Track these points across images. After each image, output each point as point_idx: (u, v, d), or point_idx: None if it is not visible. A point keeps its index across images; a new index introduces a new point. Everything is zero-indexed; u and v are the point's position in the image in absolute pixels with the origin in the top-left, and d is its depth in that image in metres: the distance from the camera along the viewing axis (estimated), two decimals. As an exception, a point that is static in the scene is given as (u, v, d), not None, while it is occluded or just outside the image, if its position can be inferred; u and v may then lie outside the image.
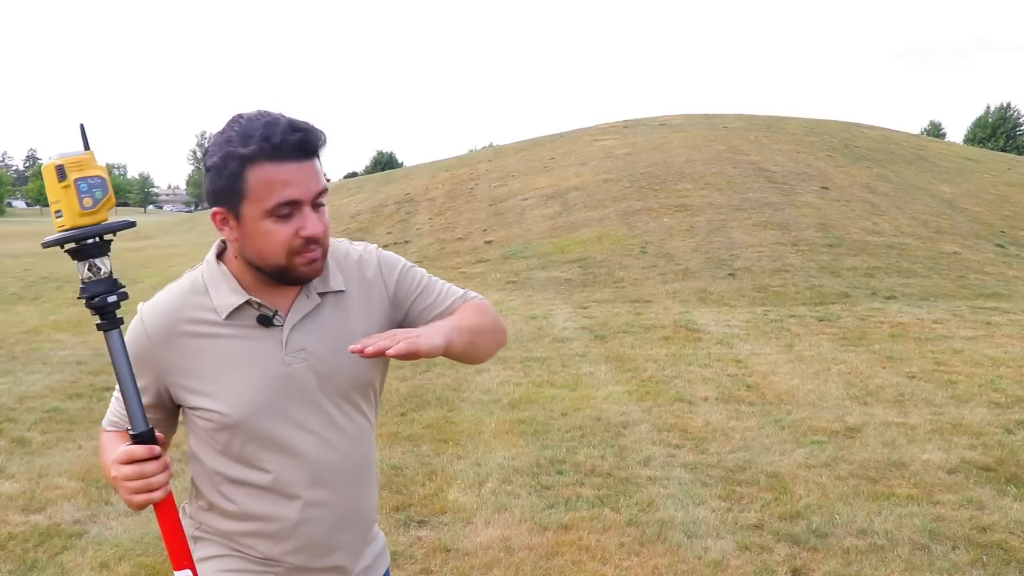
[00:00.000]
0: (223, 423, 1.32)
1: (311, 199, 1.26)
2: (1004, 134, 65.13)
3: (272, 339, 1.33)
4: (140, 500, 1.23)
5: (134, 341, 1.34)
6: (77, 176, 1.17)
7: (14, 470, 4.64)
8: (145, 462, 1.22)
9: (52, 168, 1.17)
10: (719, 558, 3.57)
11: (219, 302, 1.33)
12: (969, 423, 5.55)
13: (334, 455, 1.37)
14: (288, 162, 1.23)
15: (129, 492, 1.22)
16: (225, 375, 1.31)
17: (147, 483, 1.22)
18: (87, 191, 1.18)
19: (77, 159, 1.18)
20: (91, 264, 1.22)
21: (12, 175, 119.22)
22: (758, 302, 10.99)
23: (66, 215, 1.18)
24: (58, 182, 1.17)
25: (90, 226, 1.20)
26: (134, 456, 1.22)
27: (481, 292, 8.51)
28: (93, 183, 1.18)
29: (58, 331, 9.20)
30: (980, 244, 14.81)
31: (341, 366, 1.36)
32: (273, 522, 1.36)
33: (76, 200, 1.17)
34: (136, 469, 1.22)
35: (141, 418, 1.25)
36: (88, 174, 1.18)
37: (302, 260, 1.28)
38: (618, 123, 27.39)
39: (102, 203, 1.20)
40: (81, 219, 1.18)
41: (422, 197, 22.11)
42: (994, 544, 3.70)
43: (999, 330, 9.00)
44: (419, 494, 4.30)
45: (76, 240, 1.20)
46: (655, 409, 5.93)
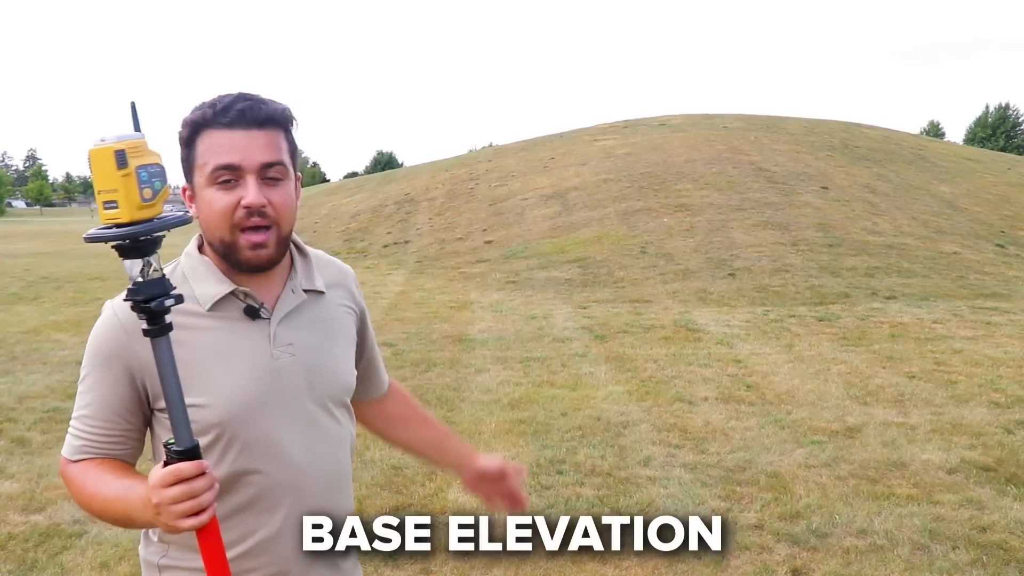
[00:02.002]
0: (208, 422, 1.21)
1: (255, 168, 1.20)
2: (1004, 134, 65.13)
3: (259, 332, 1.27)
4: (189, 524, 1.09)
5: (108, 336, 1.23)
6: (139, 164, 1.04)
7: (14, 470, 4.64)
8: (194, 480, 1.09)
9: (110, 153, 1.03)
10: (719, 558, 3.56)
11: (202, 292, 1.25)
12: (969, 423, 5.55)
13: (318, 460, 1.31)
14: (233, 129, 1.20)
15: (176, 517, 1.08)
16: (210, 369, 1.22)
17: (198, 503, 1.08)
18: (147, 181, 1.05)
19: (136, 144, 1.05)
20: (146, 263, 1.09)
21: (12, 175, 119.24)
22: (758, 302, 10.99)
23: (123, 207, 1.04)
24: (117, 169, 1.03)
25: (149, 220, 1.07)
26: (183, 475, 1.08)
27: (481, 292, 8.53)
28: (153, 172, 1.06)
29: (58, 331, 9.20)
30: (980, 244, 14.81)
31: (326, 365, 1.34)
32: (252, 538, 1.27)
33: (136, 191, 1.04)
34: (186, 489, 1.08)
35: (187, 432, 1.12)
36: (147, 161, 1.06)
37: (245, 241, 1.22)
38: (618, 123, 27.39)
39: (160, 194, 1.07)
40: (140, 212, 1.05)
41: (422, 197, 22.12)
42: (994, 544, 3.70)
43: (999, 330, 9.00)
44: (419, 494, 4.30)
45: (134, 237, 1.07)
46: (655, 409, 5.93)
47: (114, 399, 1.24)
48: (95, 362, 1.25)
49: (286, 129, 1.25)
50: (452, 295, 12.09)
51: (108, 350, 1.23)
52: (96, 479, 1.23)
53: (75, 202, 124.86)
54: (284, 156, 1.24)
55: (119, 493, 1.20)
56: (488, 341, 8.53)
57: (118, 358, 1.23)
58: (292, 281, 1.33)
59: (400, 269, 15.31)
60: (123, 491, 1.19)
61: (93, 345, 1.25)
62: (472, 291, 12.45)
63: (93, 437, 1.26)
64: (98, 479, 1.23)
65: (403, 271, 15.04)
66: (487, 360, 7.60)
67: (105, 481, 1.22)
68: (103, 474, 1.23)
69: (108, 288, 13.16)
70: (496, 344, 8.36)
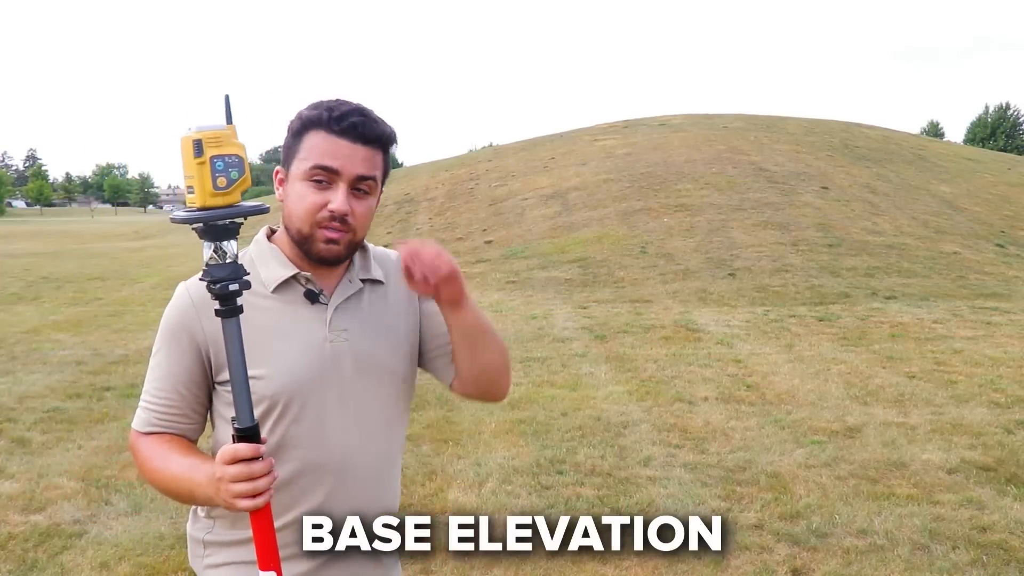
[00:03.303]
0: (262, 393, 1.28)
1: (350, 179, 1.29)
2: (1004, 134, 65.07)
3: (317, 316, 1.34)
4: (246, 505, 1.15)
5: (177, 310, 1.32)
6: (215, 153, 1.12)
7: (14, 470, 4.64)
8: (252, 461, 1.15)
9: (190, 141, 1.11)
10: (719, 558, 3.56)
11: (267, 275, 1.34)
12: (969, 423, 5.55)
13: (363, 445, 1.38)
14: (342, 138, 1.28)
15: (233, 495, 1.15)
16: (269, 345, 1.30)
17: (254, 486, 1.15)
18: (223, 170, 1.12)
19: (216, 134, 1.12)
20: (217, 247, 1.16)
21: (12, 175, 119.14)
22: (758, 302, 10.99)
23: (198, 193, 1.12)
24: (194, 157, 1.11)
25: (222, 207, 1.14)
26: (240, 455, 1.15)
27: (481, 292, 8.53)
28: (230, 162, 1.13)
29: (58, 331, 9.20)
30: (980, 244, 14.81)
31: (378, 353, 1.39)
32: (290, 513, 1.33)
33: (210, 178, 1.12)
34: (244, 469, 1.15)
35: (249, 412, 1.19)
36: (226, 152, 1.13)
37: (322, 235, 1.29)
38: (618, 123, 27.39)
39: (237, 184, 1.14)
40: (213, 199, 1.13)
41: (422, 197, 22.11)
42: (994, 544, 3.70)
43: (999, 330, 9.00)
44: (419, 494, 4.30)
45: (205, 221, 1.14)
46: (655, 409, 5.93)
47: (181, 371, 1.32)
48: (166, 336, 1.33)
49: (386, 150, 1.35)
50: (452, 295, 12.06)
51: (177, 324, 1.31)
52: (164, 455, 1.31)
53: (75, 202, 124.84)
54: (378, 173, 1.33)
55: (185, 469, 1.27)
56: (488, 341, 8.51)
57: (186, 332, 1.31)
58: (350, 272, 1.40)
59: (400, 269, 15.27)
60: (189, 468, 1.26)
61: (165, 321, 1.33)
62: (472, 291, 12.39)
63: (161, 409, 1.33)
64: (166, 455, 1.30)
65: (403, 271, 15.01)
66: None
67: (172, 458, 1.30)
68: (171, 451, 1.31)
69: (108, 288, 13.17)
70: (496, 344, 8.34)
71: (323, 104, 1.30)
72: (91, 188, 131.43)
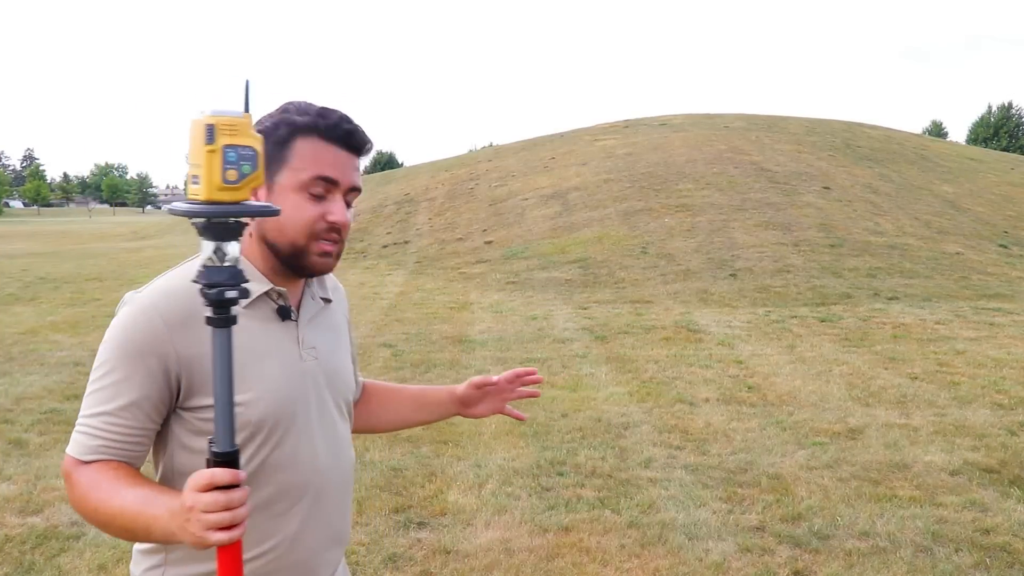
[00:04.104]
0: (248, 418, 1.20)
1: (346, 189, 1.26)
2: (1007, 134, 65.02)
3: (288, 333, 1.30)
4: (219, 538, 1.01)
5: (144, 330, 1.16)
6: (228, 142, 1.00)
7: (11, 472, 4.61)
8: (230, 489, 1.02)
9: (202, 126, 0.99)
10: (720, 560, 3.54)
11: None
12: (972, 424, 5.52)
13: (335, 461, 1.34)
14: (336, 146, 1.25)
15: (206, 527, 1.01)
16: (248, 365, 1.21)
17: (233, 516, 1.01)
18: (235, 162, 1.00)
19: (232, 121, 1.01)
20: (217, 247, 1.04)
21: (9, 175, 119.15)
22: (759, 303, 10.96)
23: (203, 184, 1.00)
24: (204, 144, 0.99)
25: (228, 204, 1.01)
26: (218, 482, 1.01)
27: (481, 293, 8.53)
28: (243, 154, 1.01)
29: (56, 332, 9.18)
30: (983, 245, 14.78)
31: (340, 371, 1.39)
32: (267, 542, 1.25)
33: (219, 170, 1.00)
34: (221, 497, 1.01)
35: (231, 436, 1.05)
36: (240, 142, 1.01)
37: (318, 248, 1.25)
38: (619, 123, 27.37)
39: (248, 179, 1.02)
40: (219, 193, 1.00)
41: (422, 197, 22.09)
42: (997, 547, 3.67)
43: (1002, 331, 8.97)
44: (419, 495, 4.27)
45: (208, 216, 1.02)
46: (656, 410, 5.90)
47: (143, 398, 1.18)
48: (126, 357, 1.17)
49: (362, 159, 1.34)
50: (452, 296, 12.06)
51: (143, 344, 1.16)
52: (111, 486, 1.15)
53: (72, 202, 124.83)
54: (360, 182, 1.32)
55: (139, 501, 1.12)
56: (488, 342, 8.50)
57: (154, 354, 1.17)
58: (310, 288, 1.37)
59: (400, 269, 15.28)
60: (144, 500, 1.12)
61: (125, 339, 1.17)
62: (472, 292, 12.42)
63: (115, 436, 1.18)
64: (113, 486, 1.15)
65: (403, 271, 15.01)
66: (487, 361, 7.57)
67: (120, 489, 1.15)
68: (117, 481, 1.16)
69: (106, 288, 13.14)
70: (496, 345, 8.34)
71: (309, 109, 1.25)
72: (89, 188, 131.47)
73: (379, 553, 3.61)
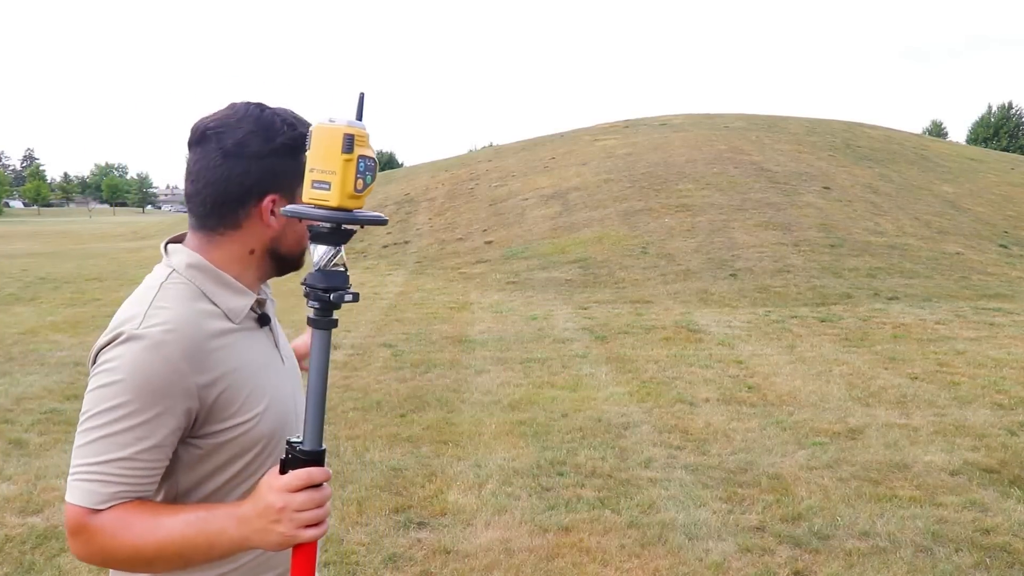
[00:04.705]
0: (260, 434, 1.20)
1: None
2: (1007, 134, 65.00)
3: (269, 340, 1.30)
4: (311, 534, 1.05)
5: (163, 367, 1.10)
6: (362, 153, 1.04)
7: (11, 472, 4.61)
8: (324, 487, 1.06)
9: (340, 135, 1.03)
10: (720, 560, 3.54)
11: (231, 305, 1.22)
12: (972, 425, 5.52)
13: None
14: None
15: (299, 525, 1.04)
16: (254, 381, 1.21)
17: (325, 512, 1.06)
18: (363, 172, 1.05)
19: (363, 134, 1.05)
20: (336, 251, 1.08)
21: (9, 175, 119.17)
22: (759, 303, 10.96)
23: (335, 191, 1.03)
24: (341, 152, 1.03)
25: (355, 211, 1.06)
26: (314, 480, 1.05)
27: (481, 293, 8.50)
28: (369, 165, 1.06)
29: (56, 332, 9.17)
30: (983, 245, 14.78)
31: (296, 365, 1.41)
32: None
33: (352, 178, 1.04)
34: (316, 495, 1.05)
35: (320, 435, 1.08)
36: (368, 154, 1.06)
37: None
38: (619, 123, 27.37)
39: (368, 189, 1.07)
40: (349, 200, 1.04)
41: (422, 197, 22.09)
42: (997, 547, 3.67)
43: (1002, 331, 8.96)
44: (419, 496, 4.27)
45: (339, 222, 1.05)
46: (656, 410, 5.90)
47: (167, 436, 1.12)
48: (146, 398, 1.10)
49: None
50: (452, 296, 12.06)
51: (165, 384, 1.11)
52: (146, 521, 1.09)
53: (72, 202, 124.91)
54: None
55: (191, 522, 1.08)
56: (488, 342, 8.50)
57: (177, 392, 1.12)
58: (267, 287, 1.36)
59: (400, 270, 15.28)
60: (196, 520, 1.09)
61: (142, 379, 1.09)
62: (472, 292, 12.42)
63: (135, 480, 1.11)
64: (148, 521, 1.09)
65: (403, 272, 15.01)
66: (487, 361, 7.57)
67: (159, 520, 1.09)
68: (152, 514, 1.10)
69: (106, 289, 13.14)
70: (496, 345, 8.33)
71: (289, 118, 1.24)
72: (89, 188, 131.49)
73: (379, 553, 3.60)
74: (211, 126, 1.21)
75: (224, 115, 1.22)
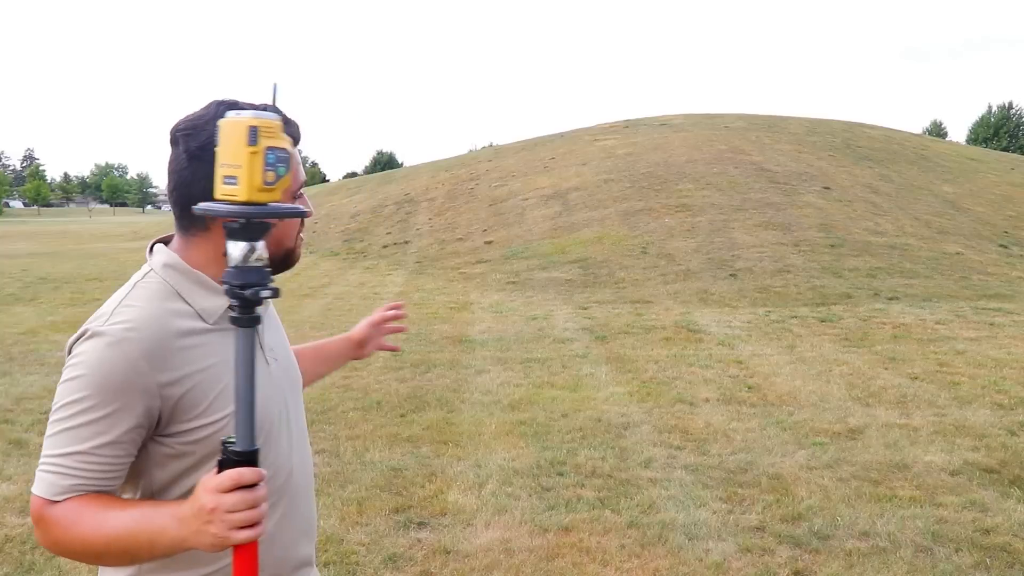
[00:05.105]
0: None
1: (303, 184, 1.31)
2: (1007, 134, 65.03)
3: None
4: (243, 536, 1.02)
5: (122, 364, 1.12)
6: (269, 144, 1.01)
7: (11, 472, 4.62)
8: (254, 488, 1.03)
9: (244, 127, 1.00)
10: (720, 560, 3.54)
11: (205, 305, 1.21)
12: (972, 425, 5.52)
13: (302, 460, 1.35)
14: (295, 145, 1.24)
15: (231, 526, 1.01)
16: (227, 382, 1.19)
17: (258, 513, 1.03)
18: (273, 164, 1.02)
19: (271, 124, 1.02)
20: (251, 247, 1.05)
21: (9, 175, 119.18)
22: (759, 303, 10.96)
23: (242, 185, 1.00)
24: (247, 145, 1.00)
25: (266, 204, 1.03)
26: (244, 481, 1.02)
27: (481, 293, 8.49)
28: (280, 156, 1.02)
29: (56, 332, 9.18)
30: (983, 245, 14.77)
31: (291, 363, 1.39)
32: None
33: (260, 171, 1.01)
34: (247, 496, 1.02)
35: (252, 434, 1.05)
36: (278, 144, 1.03)
37: (298, 244, 1.31)
38: (619, 123, 27.37)
39: (281, 181, 1.03)
40: (258, 194, 1.01)
41: (422, 197, 22.10)
42: (997, 547, 3.67)
43: (1002, 331, 8.96)
44: (419, 495, 4.27)
45: (249, 217, 1.03)
46: (656, 410, 5.90)
47: (124, 434, 1.13)
48: (104, 394, 1.12)
49: None
50: (452, 296, 12.06)
51: (123, 381, 1.12)
52: (96, 514, 1.11)
53: (73, 202, 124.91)
54: None
55: (136, 519, 1.09)
56: (488, 342, 8.50)
57: (138, 390, 1.13)
58: None
59: (400, 270, 15.28)
60: (140, 516, 1.10)
61: (100, 375, 1.11)
62: (472, 292, 12.42)
63: (90, 474, 1.13)
64: (98, 515, 1.11)
65: (403, 272, 15.01)
66: (487, 361, 7.57)
67: (109, 514, 1.11)
68: (104, 508, 1.12)
69: (106, 289, 13.14)
70: (496, 345, 8.33)
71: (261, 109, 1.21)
72: (89, 188, 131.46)
73: (379, 553, 3.60)
74: (180, 128, 1.21)
75: (195, 116, 1.22)
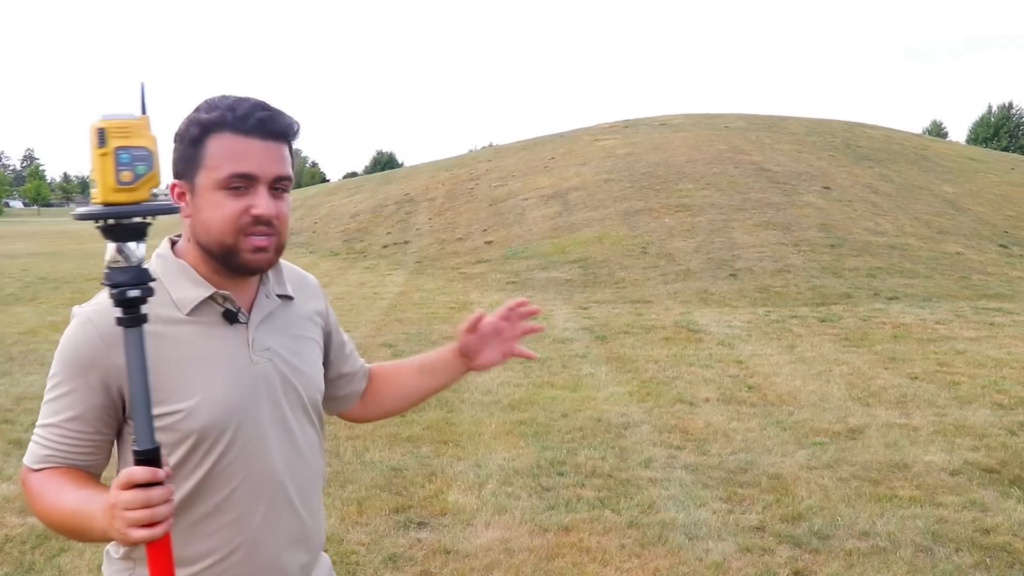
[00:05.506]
0: (189, 428, 1.19)
1: (269, 180, 1.21)
2: (1007, 134, 65.08)
3: (238, 336, 1.27)
4: (140, 535, 1.04)
5: (82, 344, 1.19)
6: (120, 144, 1.01)
7: (11, 472, 4.62)
8: (150, 487, 1.04)
9: (93, 130, 1.01)
10: (720, 560, 3.54)
11: (180, 295, 1.23)
12: (972, 424, 5.52)
13: (293, 465, 1.31)
14: (251, 137, 1.20)
15: (127, 524, 1.03)
16: (192, 374, 1.21)
17: (152, 514, 1.03)
18: (128, 164, 1.02)
19: (124, 124, 1.02)
20: (120, 248, 1.05)
21: (9, 175, 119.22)
22: (759, 303, 10.96)
23: (99, 187, 1.02)
24: (97, 147, 1.01)
25: (124, 204, 1.03)
26: (135, 480, 1.03)
27: (481, 293, 8.52)
28: (137, 155, 1.02)
29: (55, 332, 9.14)
30: (983, 244, 14.78)
31: (300, 371, 1.34)
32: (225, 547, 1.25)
33: (112, 172, 1.01)
34: (140, 495, 1.03)
35: (149, 434, 1.07)
36: (133, 143, 1.02)
37: (248, 244, 1.21)
38: (619, 123, 27.37)
39: (144, 179, 1.03)
40: (115, 195, 1.02)
41: (422, 197, 22.10)
42: (997, 547, 3.67)
43: (1002, 331, 8.96)
44: (419, 495, 4.27)
45: (107, 218, 1.03)
46: (656, 410, 5.90)
47: (87, 410, 1.20)
48: (69, 371, 1.20)
49: (291, 143, 1.27)
50: (452, 296, 12.06)
51: (84, 359, 1.19)
52: (57, 489, 1.19)
53: (73, 202, 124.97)
54: (291, 170, 1.26)
55: (79, 501, 1.15)
56: (488, 342, 8.49)
57: (95, 368, 1.19)
58: (265, 286, 1.33)
59: (400, 269, 15.28)
60: (84, 500, 1.14)
61: (68, 354, 1.20)
62: (472, 292, 12.42)
63: (62, 447, 1.21)
64: (59, 489, 1.18)
65: (403, 271, 15.02)
66: (487, 361, 7.56)
67: (65, 491, 1.18)
68: (64, 484, 1.19)
69: (108, 288, 13.15)
70: (496, 345, 8.32)
71: (219, 103, 1.21)
72: (88, 188, 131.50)
73: (379, 553, 3.61)
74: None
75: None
